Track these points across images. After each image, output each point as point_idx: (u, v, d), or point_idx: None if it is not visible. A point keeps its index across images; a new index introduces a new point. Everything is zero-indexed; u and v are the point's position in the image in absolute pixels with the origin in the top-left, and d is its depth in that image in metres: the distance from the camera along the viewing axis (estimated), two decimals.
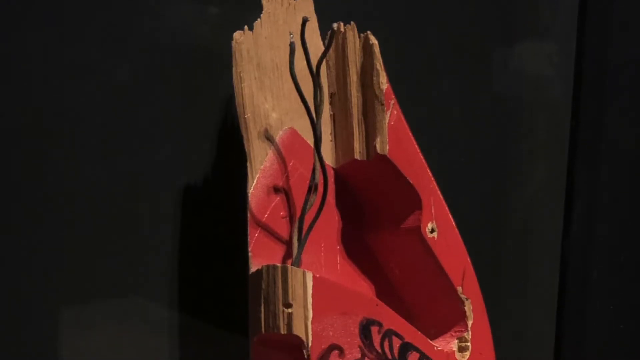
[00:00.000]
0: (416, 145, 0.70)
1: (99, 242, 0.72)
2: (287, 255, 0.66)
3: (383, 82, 0.68)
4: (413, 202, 0.70)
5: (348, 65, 0.69)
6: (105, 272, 0.72)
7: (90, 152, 0.71)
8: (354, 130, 0.69)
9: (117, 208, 0.72)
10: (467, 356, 0.72)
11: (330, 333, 0.62)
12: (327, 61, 0.70)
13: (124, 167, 0.73)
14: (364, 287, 0.72)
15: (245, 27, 0.66)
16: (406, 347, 0.67)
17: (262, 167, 0.66)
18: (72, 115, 0.70)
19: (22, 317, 0.69)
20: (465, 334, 0.73)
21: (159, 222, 0.75)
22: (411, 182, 0.69)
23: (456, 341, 0.72)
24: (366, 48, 0.68)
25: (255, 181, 0.65)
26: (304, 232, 0.66)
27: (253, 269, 0.64)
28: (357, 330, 0.64)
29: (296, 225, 0.66)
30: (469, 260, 0.73)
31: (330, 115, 0.70)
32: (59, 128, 0.69)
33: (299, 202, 0.67)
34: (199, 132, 0.76)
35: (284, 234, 0.66)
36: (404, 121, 0.69)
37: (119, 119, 0.72)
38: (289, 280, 0.60)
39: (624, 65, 1.01)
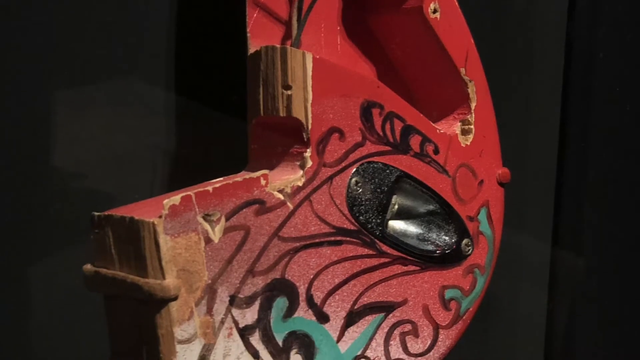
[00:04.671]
0: None
1: (92, 24, 0.72)
2: (287, 36, 0.65)
3: None
4: None
5: None
6: (102, 54, 0.72)
7: None
8: None
9: None
10: (470, 139, 0.72)
11: (331, 116, 0.62)
12: None
13: None
14: (365, 69, 0.71)
15: None
16: (408, 130, 0.67)
17: None
18: None
19: (14, 105, 0.69)
20: (469, 116, 0.72)
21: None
22: None
23: (459, 124, 0.72)
24: None
25: None
26: (303, 12, 0.65)
27: (251, 49, 0.63)
28: (357, 113, 0.64)
29: (296, 5, 0.65)
30: (472, 41, 0.72)
31: None
32: None
33: None
34: None
35: (283, 14, 0.65)
36: None
37: None
38: (288, 61, 0.60)
39: None
